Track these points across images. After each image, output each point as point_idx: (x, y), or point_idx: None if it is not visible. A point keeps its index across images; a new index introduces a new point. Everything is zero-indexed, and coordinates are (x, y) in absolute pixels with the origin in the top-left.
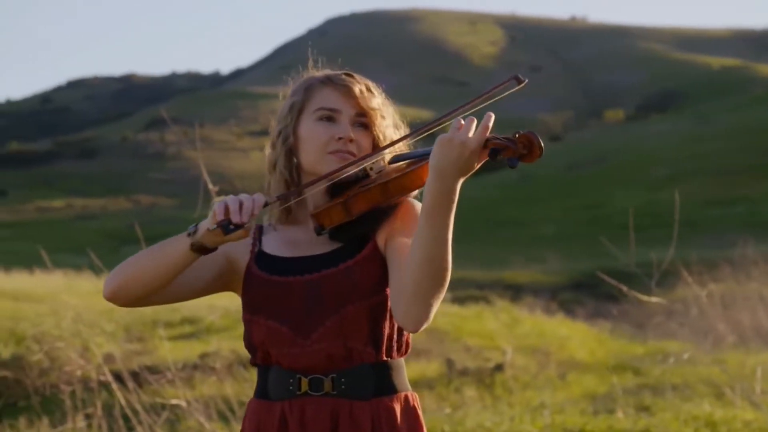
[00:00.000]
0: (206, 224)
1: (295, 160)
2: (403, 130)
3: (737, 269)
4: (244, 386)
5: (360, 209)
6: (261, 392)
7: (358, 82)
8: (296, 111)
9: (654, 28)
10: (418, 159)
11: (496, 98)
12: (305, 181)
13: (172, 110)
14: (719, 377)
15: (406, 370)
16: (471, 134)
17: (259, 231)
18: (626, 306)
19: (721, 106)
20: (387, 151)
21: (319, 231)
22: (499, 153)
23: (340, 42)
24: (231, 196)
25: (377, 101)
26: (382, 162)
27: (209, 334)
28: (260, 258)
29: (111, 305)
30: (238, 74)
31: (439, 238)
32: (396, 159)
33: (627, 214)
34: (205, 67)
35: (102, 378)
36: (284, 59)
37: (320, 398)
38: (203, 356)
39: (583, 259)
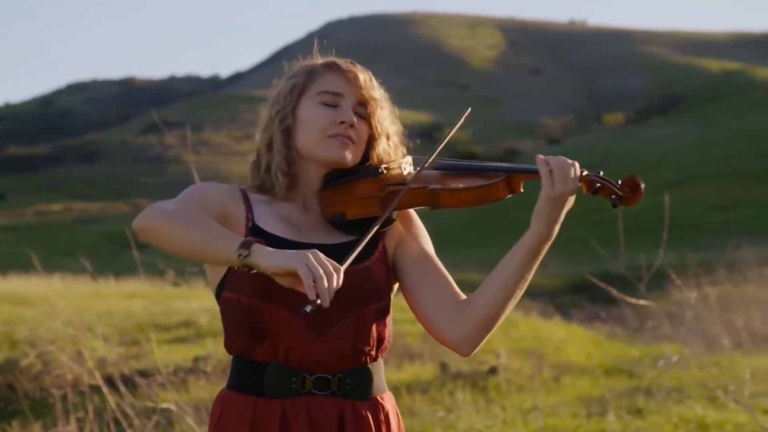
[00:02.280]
0: (272, 263)
1: (290, 141)
2: (399, 125)
3: (734, 272)
4: None
5: (398, 207)
6: (248, 387)
7: (362, 71)
8: (297, 93)
9: (654, 31)
10: (476, 172)
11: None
12: (301, 165)
13: (173, 114)
14: (712, 380)
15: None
16: (570, 182)
17: (246, 198)
18: (624, 309)
19: (722, 110)
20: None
21: (339, 219)
22: (597, 191)
23: (339, 46)
24: (315, 266)
25: (379, 92)
26: (407, 168)
27: (204, 338)
28: (257, 234)
29: (107, 309)
30: (237, 78)
31: (528, 279)
32: (442, 167)
33: (629, 217)
34: (205, 70)
35: (93, 382)
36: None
37: (325, 398)
38: (197, 360)
39: (583, 263)
